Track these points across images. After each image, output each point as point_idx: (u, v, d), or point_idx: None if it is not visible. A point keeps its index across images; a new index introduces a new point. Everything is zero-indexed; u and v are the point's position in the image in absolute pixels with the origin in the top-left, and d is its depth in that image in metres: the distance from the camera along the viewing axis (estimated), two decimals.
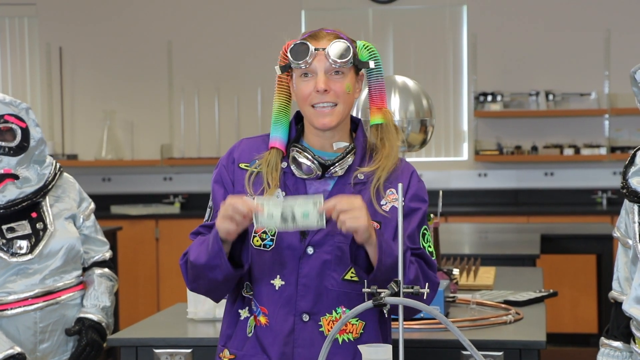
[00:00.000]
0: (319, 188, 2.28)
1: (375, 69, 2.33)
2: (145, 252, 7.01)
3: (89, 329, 2.98)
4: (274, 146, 2.30)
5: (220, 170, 2.35)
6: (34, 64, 7.68)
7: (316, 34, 2.29)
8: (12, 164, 2.97)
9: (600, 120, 7.23)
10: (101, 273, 3.10)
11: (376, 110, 2.33)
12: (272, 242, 2.25)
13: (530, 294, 3.27)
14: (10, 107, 3.00)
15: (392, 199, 2.28)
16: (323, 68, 2.24)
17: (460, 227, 6.14)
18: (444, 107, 7.32)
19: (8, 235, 2.92)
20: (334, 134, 2.29)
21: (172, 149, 7.58)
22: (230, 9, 7.52)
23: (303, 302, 2.24)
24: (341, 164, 2.27)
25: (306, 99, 2.25)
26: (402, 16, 7.43)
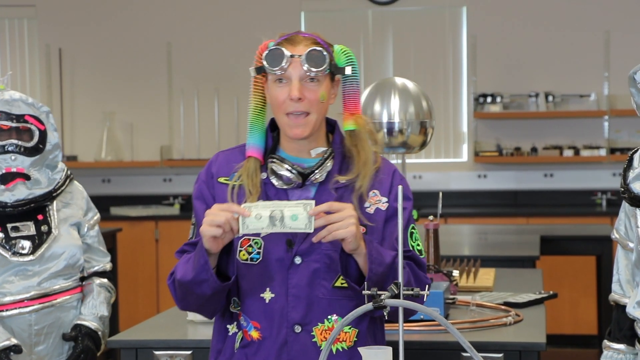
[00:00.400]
0: (301, 196, 2.26)
1: (351, 75, 2.29)
2: (145, 253, 7.01)
3: (85, 337, 2.98)
4: (251, 155, 2.28)
5: (200, 186, 2.32)
6: (33, 65, 7.68)
7: (293, 39, 2.25)
8: (25, 164, 2.98)
9: (599, 122, 7.23)
10: (101, 283, 3.12)
11: (349, 116, 2.30)
12: (259, 254, 2.23)
13: (530, 296, 3.27)
14: (32, 108, 3.02)
15: (375, 201, 2.26)
16: (298, 75, 2.21)
17: (459, 228, 6.14)
18: (444, 109, 7.32)
19: (12, 234, 2.92)
20: (309, 140, 2.27)
21: (171, 150, 7.59)
22: (230, 10, 7.52)
23: (294, 313, 2.22)
24: (320, 170, 2.25)
25: (280, 106, 2.23)
26: (401, 17, 7.44)
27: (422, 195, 7.03)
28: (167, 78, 7.60)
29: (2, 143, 2.96)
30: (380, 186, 2.28)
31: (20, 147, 2.97)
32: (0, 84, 3.04)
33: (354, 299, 2.21)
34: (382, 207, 2.26)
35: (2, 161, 2.96)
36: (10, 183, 2.95)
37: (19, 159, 2.97)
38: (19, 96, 3.02)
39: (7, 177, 2.95)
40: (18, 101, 3.00)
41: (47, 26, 7.64)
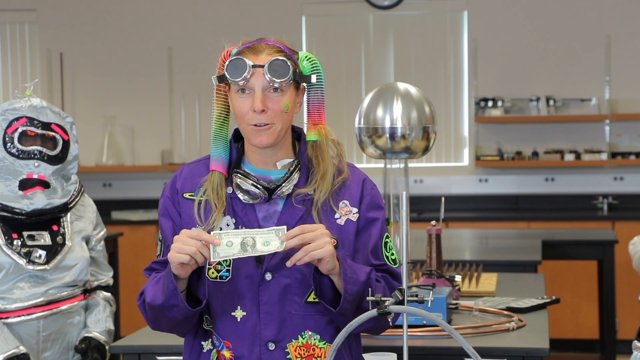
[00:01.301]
0: (270, 209, 2.20)
1: (316, 84, 2.22)
2: (146, 257, 7.01)
3: (94, 349, 3.02)
4: (214, 169, 2.21)
5: (164, 202, 2.26)
6: (34, 69, 7.69)
7: (255, 47, 2.20)
8: (48, 172, 2.98)
9: (601, 126, 7.23)
10: (106, 297, 3.17)
11: (312, 126, 2.24)
12: (228, 272, 2.17)
13: (533, 301, 3.27)
14: (58, 117, 3.04)
15: (345, 212, 2.21)
16: (261, 86, 2.15)
17: (460, 232, 6.14)
18: (445, 113, 7.32)
19: (28, 242, 2.93)
20: (275, 151, 2.21)
21: (172, 155, 7.59)
22: (230, 15, 7.52)
23: (267, 330, 2.17)
24: (287, 183, 2.19)
25: (243, 117, 2.16)
26: (402, 22, 7.44)
27: (423, 200, 7.04)
28: (168, 82, 7.60)
29: (27, 148, 2.96)
30: (350, 196, 2.23)
31: (44, 154, 2.97)
32: (27, 90, 3.04)
33: (327, 314, 2.18)
34: (352, 218, 2.21)
35: (24, 166, 2.96)
36: (30, 190, 2.95)
37: (42, 166, 2.97)
38: (47, 104, 3.03)
39: (26, 183, 2.95)
40: (46, 109, 3.01)
41: (48, 31, 7.64)
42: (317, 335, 2.19)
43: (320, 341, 2.19)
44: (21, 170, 2.95)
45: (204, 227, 2.18)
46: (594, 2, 7.23)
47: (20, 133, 2.96)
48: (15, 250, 2.90)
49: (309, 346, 2.18)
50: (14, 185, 2.95)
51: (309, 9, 7.47)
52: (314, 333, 2.19)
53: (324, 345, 2.19)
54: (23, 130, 2.96)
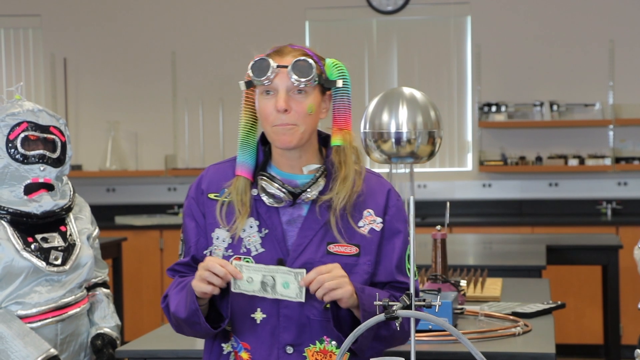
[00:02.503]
0: (294, 213, 2.21)
1: (342, 89, 2.24)
2: (149, 262, 7.01)
3: (108, 345, 3.05)
4: (240, 174, 2.23)
5: (189, 202, 2.29)
6: (38, 74, 7.69)
7: (281, 50, 2.21)
8: (52, 175, 2.99)
9: (604, 131, 7.22)
10: (107, 293, 3.20)
11: (337, 131, 2.25)
12: None
13: (538, 306, 3.26)
14: (54, 120, 3.05)
15: (370, 221, 2.22)
16: (285, 86, 2.16)
17: (464, 237, 6.14)
18: (448, 118, 7.33)
19: (44, 245, 2.94)
20: (300, 154, 2.23)
21: (176, 160, 7.59)
22: (234, 19, 7.53)
23: (286, 334, 2.18)
24: (312, 188, 2.20)
25: (267, 118, 2.18)
26: (406, 27, 7.44)
27: (426, 205, 7.04)
28: (172, 87, 7.61)
29: (31, 153, 2.96)
30: (375, 205, 2.24)
31: (48, 157, 2.98)
32: (15, 93, 3.04)
33: (345, 321, 2.19)
34: (376, 228, 2.23)
35: (29, 171, 2.96)
36: (34, 193, 2.95)
37: (47, 169, 2.98)
38: (42, 107, 3.03)
39: (31, 187, 2.96)
40: (42, 112, 3.02)
41: (52, 36, 7.65)
42: (335, 342, 2.20)
43: (337, 348, 2.19)
44: (26, 175, 2.96)
45: (228, 229, 2.21)
46: (597, 7, 7.23)
47: (23, 138, 2.96)
48: (34, 253, 2.91)
49: (326, 352, 2.20)
50: (19, 191, 2.95)
51: (312, 14, 7.48)
52: (332, 339, 2.20)
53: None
54: (25, 135, 2.96)
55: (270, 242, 2.19)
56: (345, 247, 2.19)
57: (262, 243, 2.20)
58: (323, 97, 2.24)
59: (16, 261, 2.89)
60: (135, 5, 7.63)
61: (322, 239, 2.19)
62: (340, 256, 2.18)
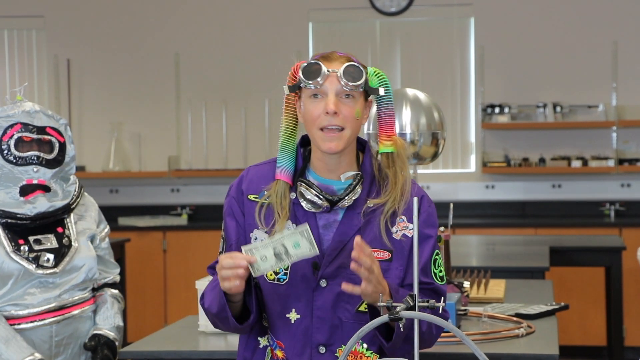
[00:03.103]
0: (330, 218, 2.27)
1: (385, 96, 2.30)
2: (152, 263, 7.01)
3: (104, 346, 3.00)
4: (280, 178, 2.28)
5: (230, 201, 2.34)
6: (42, 76, 7.70)
7: (328, 56, 2.27)
8: (47, 176, 2.99)
9: (608, 132, 7.22)
10: (113, 294, 3.15)
11: (386, 137, 2.31)
12: (285, 275, 2.26)
13: (542, 307, 3.26)
14: (52, 120, 3.04)
15: (402, 227, 2.27)
16: (334, 90, 2.22)
17: (467, 239, 6.14)
18: (452, 119, 7.32)
19: (35, 247, 2.93)
20: (340, 160, 2.27)
21: (179, 161, 7.59)
22: (237, 21, 7.53)
23: (319, 334, 2.25)
24: (349, 197, 2.25)
25: (315, 121, 2.22)
26: (409, 28, 7.44)
27: None
28: (175, 89, 7.61)
29: (24, 154, 2.96)
30: (408, 212, 2.28)
31: (42, 159, 2.97)
32: (17, 94, 3.05)
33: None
34: (408, 234, 2.27)
35: (23, 172, 2.96)
36: (30, 195, 2.95)
37: (41, 170, 2.97)
38: (39, 108, 3.03)
39: (27, 189, 2.96)
40: (39, 113, 3.01)
41: (55, 37, 7.66)
42: (365, 344, 2.26)
43: (367, 350, 2.25)
44: (20, 176, 2.96)
45: (266, 230, 2.27)
46: (600, 9, 7.23)
47: (16, 139, 2.96)
48: (23, 256, 2.90)
49: (357, 353, 2.26)
50: (15, 192, 2.95)
51: (315, 15, 7.48)
52: (362, 342, 2.25)
53: (370, 355, 2.26)
54: (19, 136, 2.96)
55: None
56: (378, 252, 2.24)
57: None
58: (365, 104, 2.29)
59: (6, 264, 2.89)
60: (138, 7, 7.64)
61: None
62: None
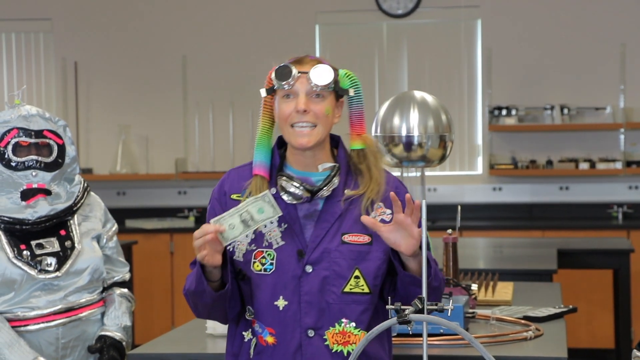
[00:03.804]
0: (310, 209, 2.39)
1: (355, 97, 2.43)
2: (160, 266, 7.02)
3: (110, 347, 2.98)
4: (257, 173, 2.41)
5: (213, 203, 2.47)
6: (49, 78, 7.72)
7: (301, 59, 2.40)
8: (46, 179, 2.98)
9: (615, 135, 7.21)
10: (121, 293, 3.12)
11: (356, 136, 2.44)
12: (272, 265, 2.37)
13: (550, 310, 3.25)
14: (49, 123, 3.03)
15: (380, 213, 2.38)
16: (304, 90, 2.35)
17: (475, 241, 6.13)
18: (459, 121, 7.32)
19: (37, 252, 2.92)
20: (315, 154, 2.40)
21: (186, 163, 7.60)
22: (244, 23, 7.54)
23: (307, 318, 2.35)
24: (328, 186, 2.38)
25: (286, 119, 2.36)
26: (416, 30, 7.44)
27: (436, 208, 7.02)
28: (182, 91, 7.62)
29: (22, 159, 2.96)
30: (386, 200, 2.39)
31: (40, 162, 2.97)
32: (16, 98, 3.04)
33: (362, 303, 2.36)
34: (386, 219, 2.37)
35: (22, 177, 2.96)
36: (32, 199, 2.95)
37: (39, 174, 2.97)
38: (36, 111, 3.02)
39: (28, 193, 2.95)
40: (35, 116, 3.00)
41: (62, 40, 7.67)
42: (353, 323, 2.36)
43: (355, 328, 2.36)
44: (20, 181, 2.95)
45: None
46: (608, 11, 7.22)
47: (14, 145, 2.95)
48: (25, 261, 2.90)
49: (345, 333, 2.36)
50: (16, 197, 2.95)
51: (322, 17, 7.48)
52: (350, 321, 2.36)
53: (358, 333, 2.36)
54: (16, 141, 2.95)
55: (289, 235, 2.37)
56: (358, 237, 2.38)
57: (282, 236, 2.37)
58: (337, 103, 2.42)
59: (8, 270, 2.88)
60: (146, 9, 7.65)
61: (337, 230, 2.37)
62: (354, 245, 2.36)
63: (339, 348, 2.35)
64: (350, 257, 2.35)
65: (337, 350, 2.34)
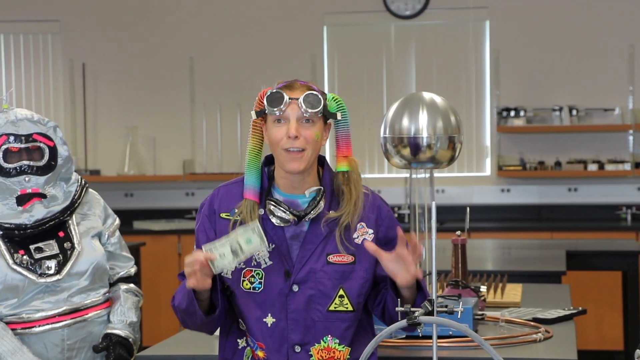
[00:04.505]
0: (296, 230, 2.49)
1: (342, 120, 2.52)
2: (167, 267, 7.01)
3: (117, 345, 2.95)
4: (248, 198, 2.49)
5: (202, 220, 2.55)
6: (57, 80, 7.72)
7: (291, 85, 2.48)
8: (40, 183, 2.96)
9: (624, 136, 7.19)
10: (127, 288, 3.09)
11: (342, 158, 2.53)
12: (260, 284, 2.47)
13: (559, 312, 3.24)
14: (39, 126, 2.99)
15: (362, 233, 2.50)
16: (295, 116, 2.44)
17: (483, 242, 6.11)
18: (467, 123, 7.31)
19: (36, 256, 2.91)
20: (303, 177, 2.49)
21: (194, 164, 7.60)
22: (252, 24, 7.53)
23: (294, 334, 2.46)
24: (315, 210, 2.47)
25: (278, 143, 2.45)
26: (424, 31, 7.43)
27: (444, 210, 7.01)
28: (190, 92, 7.62)
29: (14, 165, 2.93)
30: (367, 220, 2.52)
31: (32, 167, 2.94)
32: (4, 103, 3.01)
33: (346, 321, 2.48)
34: (368, 238, 2.49)
35: (16, 183, 2.93)
36: (27, 203, 2.93)
37: (32, 179, 2.94)
38: (24, 115, 2.97)
39: (23, 198, 2.93)
40: (24, 120, 2.96)
41: (70, 41, 7.68)
42: (337, 339, 2.47)
43: (339, 345, 2.47)
44: (14, 187, 2.94)
45: None
46: (617, 12, 7.20)
47: (4, 151, 2.93)
48: (25, 266, 2.88)
49: (329, 349, 2.47)
50: (12, 203, 2.93)
51: (330, 19, 7.48)
52: (335, 338, 2.46)
53: (342, 349, 2.47)
54: (5, 148, 2.93)
55: (277, 256, 2.47)
56: (342, 257, 2.48)
57: (270, 257, 2.47)
58: (325, 127, 2.52)
59: (9, 276, 2.87)
60: (153, 11, 7.65)
61: (322, 251, 2.47)
62: (338, 265, 2.47)
63: None
64: (335, 277, 2.45)
65: None
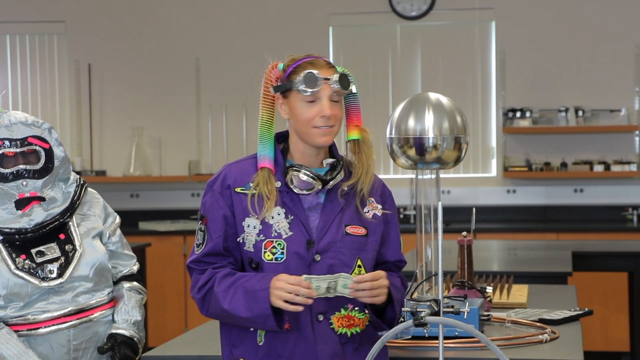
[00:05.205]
0: (313, 201, 2.54)
1: (353, 92, 2.59)
2: (173, 268, 7.02)
3: (122, 345, 2.95)
4: (264, 166, 2.53)
5: (215, 197, 2.55)
6: (63, 80, 7.73)
7: (315, 62, 2.54)
8: (37, 186, 2.94)
9: (630, 137, 7.18)
10: (130, 287, 3.08)
11: (353, 127, 2.59)
12: (283, 254, 2.49)
13: (565, 313, 3.24)
14: (33, 129, 2.97)
15: (373, 207, 2.58)
16: (327, 95, 2.50)
17: (489, 243, 6.11)
18: (473, 124, 7.30)
19: (38, 260, 2.90)
20: (319, 151, 2.55)
21: (199, 165, 7.60)
22: (258, 25, 7.54)
23: (316, 304, 2.48)
24: (336, 178, 2.54)
25: (309, 122, 2.50)
26: (430, 32, 7.43)
27: (450, 211, 7.00)
28: (196, 93, 7.63)
29: (10, 170, 2.91)
30: (376, 195, 2.61)
31: (29, 171, 2.93)
32: None
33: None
34: (378, 213, 2.58)
35: (14, 188, 2.92)
36: (27, 207, 2.92)
37: (29, 183, 2.93)
38: (18, 119, 2.95)
39: (22, 202, 2.92)
40: (18, 124, 2.93)
41: (76, 42, 7.69)
42: (357, 307, 2.52)
43: (359, 312, 2.53)
44: (12, 192, 2.92)
45: (258, 217, 2.49)
46: (623, 13, 7.19)
47: (0, 156, 2.93)
48: (27, 270, 2.88)
49: (350, 317, 2.52)
50: (11, 207, 2.92)
51: (336, 19, 7.48)
52: (356, 306, 2.52)
53: (362, 316, 2.53)
54: (1, 153, 2.92)
55: (296, 226, 2.50)
56: (358, 229, 2.55)
57: (290, 227, 2.49)
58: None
59: (12, 281, 2.86)
60: (159, 12, 7.66)
61: (340, 222, 2.53)
62: (355, 236, 2.53)
63: (344, 330, 2.51)
64: (353, 247, 2.51)
65: (341, 333, 2.51)
